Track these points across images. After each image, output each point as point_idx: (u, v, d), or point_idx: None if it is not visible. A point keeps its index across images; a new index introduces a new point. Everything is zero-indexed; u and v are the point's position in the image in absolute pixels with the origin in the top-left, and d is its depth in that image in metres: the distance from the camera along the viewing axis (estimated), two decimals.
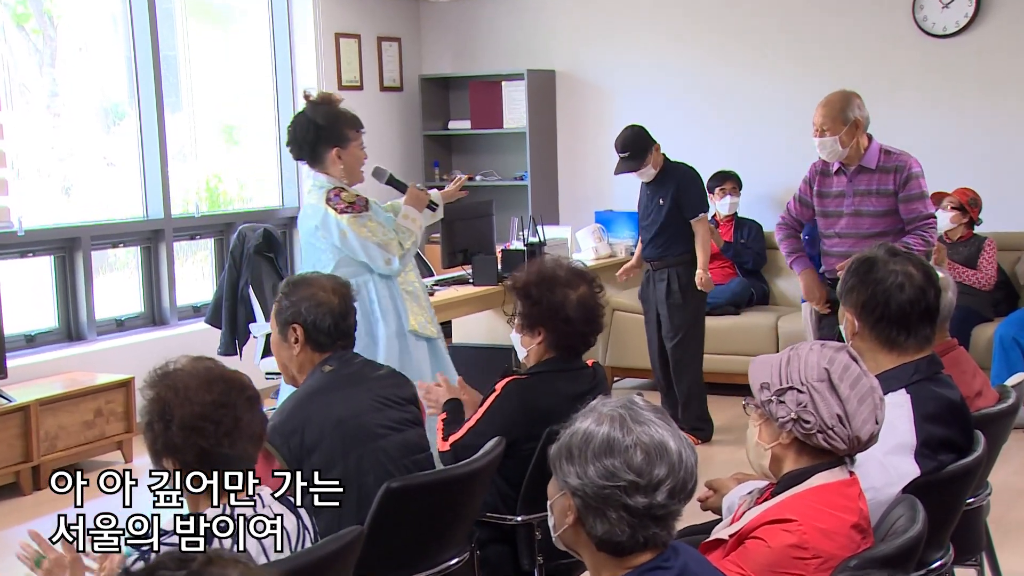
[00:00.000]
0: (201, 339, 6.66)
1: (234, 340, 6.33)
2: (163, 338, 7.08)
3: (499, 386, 3.44)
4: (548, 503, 2.15)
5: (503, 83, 8.79)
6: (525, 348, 3.49)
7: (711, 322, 6.73)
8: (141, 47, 7.24)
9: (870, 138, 5.13)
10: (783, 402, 2.41)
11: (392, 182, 4.83)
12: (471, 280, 6.68)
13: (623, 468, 2.02)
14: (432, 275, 7.35)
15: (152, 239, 7.34)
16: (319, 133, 4.48)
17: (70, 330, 6.88)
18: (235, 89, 8.18)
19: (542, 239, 6.73)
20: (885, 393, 2.77)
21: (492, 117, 8.86)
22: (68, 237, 6.82)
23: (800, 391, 2.39)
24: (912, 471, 2.73)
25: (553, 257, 3.79)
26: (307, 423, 3.14)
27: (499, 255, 6.77)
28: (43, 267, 6.83)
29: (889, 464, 2.72)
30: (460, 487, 3.10)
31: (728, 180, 7.85)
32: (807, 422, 2.38)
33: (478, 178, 9.10)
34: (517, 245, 6.93)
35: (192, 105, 7.82)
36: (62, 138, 7.15)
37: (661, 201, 6.22)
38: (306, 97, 4.58)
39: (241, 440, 2.36)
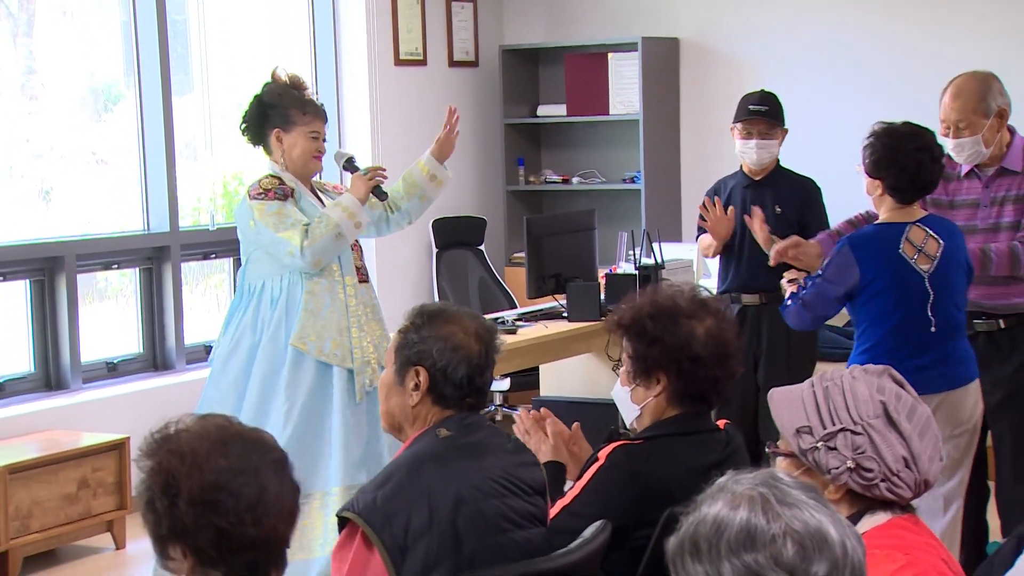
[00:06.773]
0: None
1: None
2: (167, 387, 7.16)
3: (603, 454, 3.42)
4: None
5: (610, 56, 8.80)
6: (638, 405, 3.49)
7: None
8: (143, 10, 7.34)
9: (1012, 131, 5.05)
10: (834, 448, 2.49)
11: (348, 167, 5.41)
12: (565, 314, 6.69)
13: (770, 566, 2.00)
14: (515, 307, 7.36)
15: (154, 258, 7.43)
16: (263, 110, 5.25)
17: (48, 376, 6.97)
18: (262, 65, 8.25)
19: (659, 260, 6.71)
20: None
21: (595, 100, 8.88)
22: (47, 256, 6.92)
23: (856, 432, 2.48)
24: None
25: (671, 284, 3.78)
26: (418, 501, 3.08)
27: (602, 281, 6.77)
28: (15, 294, 6.93)
29: None
30: None
31: None
32: (868, 471, 2.47)
33: (576, 180, 9.11)
34: (626, 268, 6.91)
35: (207, 85, 7.91)
36: (40, 128, 7.28)
37: (779, 209, 6.10)
38: (272, 75, 5.30)
39: (269, 516, 2.38)
